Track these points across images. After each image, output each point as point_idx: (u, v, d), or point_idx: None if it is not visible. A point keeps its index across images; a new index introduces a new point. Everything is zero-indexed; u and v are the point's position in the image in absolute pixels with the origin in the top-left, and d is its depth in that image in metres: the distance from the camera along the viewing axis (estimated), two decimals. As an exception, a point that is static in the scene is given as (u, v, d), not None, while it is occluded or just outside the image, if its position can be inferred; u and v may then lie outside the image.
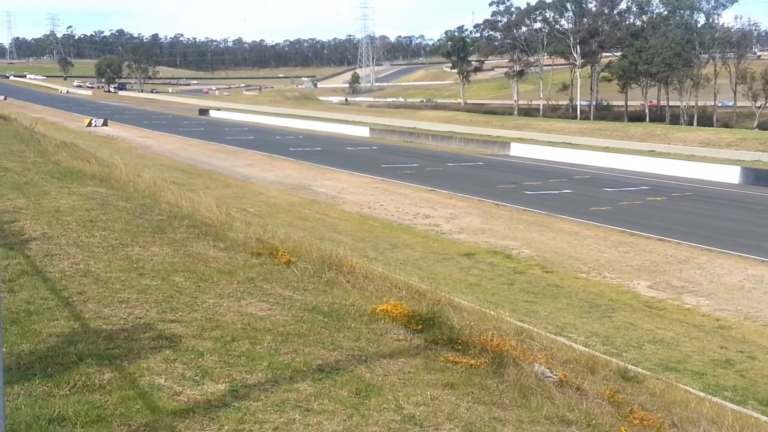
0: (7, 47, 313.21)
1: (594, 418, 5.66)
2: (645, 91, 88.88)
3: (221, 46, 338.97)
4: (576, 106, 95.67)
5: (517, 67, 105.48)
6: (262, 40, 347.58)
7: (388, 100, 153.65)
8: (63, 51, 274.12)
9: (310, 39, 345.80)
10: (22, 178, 14.43)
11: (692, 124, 78.91)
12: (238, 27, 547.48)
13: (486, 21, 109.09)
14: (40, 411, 4.37)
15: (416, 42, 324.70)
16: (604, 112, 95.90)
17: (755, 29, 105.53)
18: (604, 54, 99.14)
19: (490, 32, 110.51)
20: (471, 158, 52.61)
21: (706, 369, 13.99)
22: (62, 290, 6.98)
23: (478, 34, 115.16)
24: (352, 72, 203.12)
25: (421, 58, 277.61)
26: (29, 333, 5.75)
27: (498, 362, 6.46)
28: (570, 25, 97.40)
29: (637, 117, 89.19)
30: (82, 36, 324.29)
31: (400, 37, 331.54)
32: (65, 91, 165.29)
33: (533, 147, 58.29)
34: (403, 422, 4.87)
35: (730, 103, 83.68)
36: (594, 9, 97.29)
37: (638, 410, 6.42)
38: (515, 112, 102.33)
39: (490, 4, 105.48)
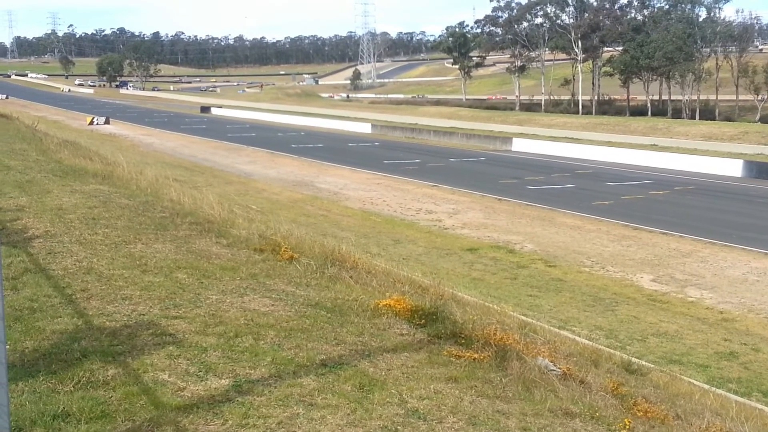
0: (8, 46, 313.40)
1: (598, 410, 5.66)
2: (647, 86, 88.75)
3: (222, 43, 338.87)
4: (578, 101, 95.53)
5: (519, 63, 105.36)
6: (263, 38, 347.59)
7: (389, 96, 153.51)
8: (64, 49, 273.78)
9: (311, 36, 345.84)
10: (24, 177, 14.45)
11: (694, 118, 78.85)
12: (239, 24, 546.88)
13: (487, 17, 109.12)
14: (44, 407, 4.38)
15: (417, 38, 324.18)
16: (606, 107, 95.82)
17: (757, 23, 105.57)
18: (606, 49, 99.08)
19: (491, 28, 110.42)
20: (473, 154, 52.57)
21: (710, 361, 13.98)
22: (65, 287, 6.99)
23: (479, 30, 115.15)
24: (353, 68, 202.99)
25: (422, 54, 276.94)
26: (33, 330, 5.76)
27: (501, 356, 6.46)
28: (571, 20, 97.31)
29: (639, 111, 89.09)
30: (83, 34, 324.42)
31: (400, 33, 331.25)
32: (67, 90, 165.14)
33: (535, 142, 58.19)
34: (407, 416, 4.87)
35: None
36: (595, 4, 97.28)
37: (642, 403, 6.41)
38: (517, 108, 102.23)
39: (491, 0, 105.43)
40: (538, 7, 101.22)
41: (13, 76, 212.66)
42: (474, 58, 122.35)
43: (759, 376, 13.39)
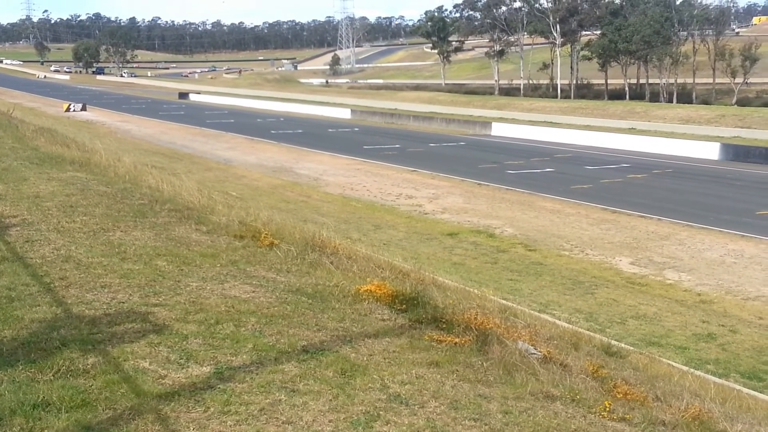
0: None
1: (578, 393, 5.70)
2: (625, 70, 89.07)
3: (200, 29, 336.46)
4: (556, 85, 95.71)
5: (498, 47, 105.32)
6: (242, 23, 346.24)
7: (369, 81, 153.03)
8: (39, 35, 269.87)
9: (290, 21, 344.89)
10: (0, 165, 14.27)
11: (672, 102, 79.23)
12: (217, 9, 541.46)
13: (466, 1, 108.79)
14: (24, 397, 4.34)
15: (396, 23, 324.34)
16: (585, 91, 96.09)
17: (733, 6, 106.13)
18: (584, 33, 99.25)
19: (470, 12, 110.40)
20: (453, 138, 52.59)
21: (688, 343, 14.13)
22: (44, 276, 6.92)
23: (458, 14, 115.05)
24: (332, 54, 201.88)
25: (401, 39, 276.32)
26: (11, 319, 5.70)
27: (482, 340, 6.48)
28: (549, 4, 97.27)
29: (617, 95, 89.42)
30: (58, 20, 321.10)
31: (379, 18, 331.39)
32: (43, 76, 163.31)
33: (514, 126, 58.35)
34: (389, 401, 4.88)
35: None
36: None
37: (622, 385, 6.46)
38: (496, 92, 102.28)
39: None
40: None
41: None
42: (453, 43, 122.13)
43: (736, 357, 13.56)
